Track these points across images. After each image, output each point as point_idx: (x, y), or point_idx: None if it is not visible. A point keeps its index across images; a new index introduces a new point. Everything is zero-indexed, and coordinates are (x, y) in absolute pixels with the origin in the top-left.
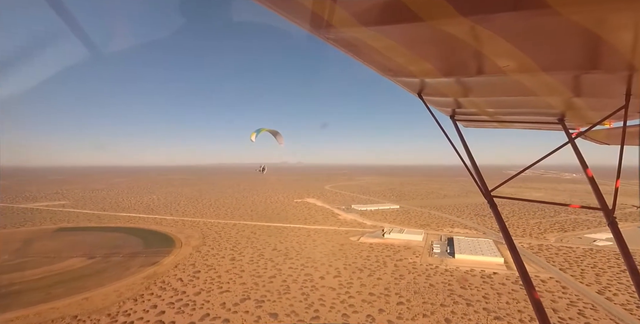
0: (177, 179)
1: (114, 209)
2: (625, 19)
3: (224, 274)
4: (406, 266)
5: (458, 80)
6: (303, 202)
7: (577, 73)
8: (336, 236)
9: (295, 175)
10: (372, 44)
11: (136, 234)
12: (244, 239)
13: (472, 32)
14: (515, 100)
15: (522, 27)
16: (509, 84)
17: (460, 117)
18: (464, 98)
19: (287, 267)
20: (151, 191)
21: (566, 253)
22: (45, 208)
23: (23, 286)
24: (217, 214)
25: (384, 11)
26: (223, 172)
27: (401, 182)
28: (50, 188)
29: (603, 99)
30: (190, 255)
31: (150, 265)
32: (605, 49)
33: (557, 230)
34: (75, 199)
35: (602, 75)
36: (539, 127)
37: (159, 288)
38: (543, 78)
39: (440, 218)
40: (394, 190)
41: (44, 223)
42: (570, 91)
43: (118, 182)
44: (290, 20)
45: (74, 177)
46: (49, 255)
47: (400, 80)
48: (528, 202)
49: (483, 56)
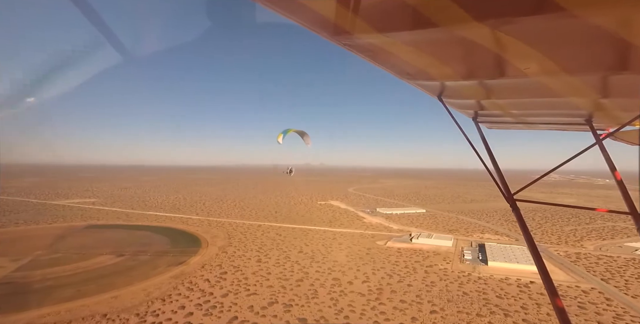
0: (202, 179)
1: (142, 207)
2: None
3: (251, 277)
4: (437, 273)
5: (479, 83)
6: (327, 204)
7: (604, 74)
8: (362, 239)
9: (318, 176)
10: (389, 49)
11: (163, 233)
12: (269, 240)
13: (490, 37)
14: (540, 101)
15: (543, 30)
16: (533, 86)
17: (482, 119)
18: (486, 100)
19: (314, 270)
20: (177, 191)
21: (607, 263)
22: (76, 205)
23: (55, 282)
24: (241, 214)
25: (399, 17)
26: (246, 172)
27: (426, 186)
28: (81, 185)
29: (633, 99)
30: (216, 255)
31: (177, 264)
32: (633, 50)
33: (595, 238)
34: (105, 197)
35: (631, 76)
36: (566, 128)
37: (186, 289)
38: (568, 80)
39: (468, 223)
40: (419, 194)
41: (75, 220)
42: (597, 92)
43: (145, 181)
44: (306, 28)
45: (103, 175)
46: (80, 252)
47: (420, 84)
48: (560, 208)
49: (504, 59)
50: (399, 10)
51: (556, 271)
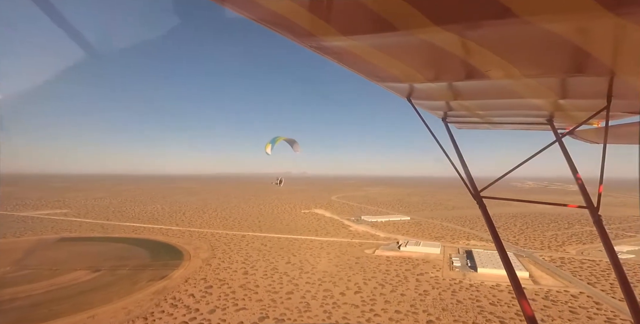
0: (181, 188)
1: (118, 218)
2: (604, 28)
3: (238, 290)
4: (429, 281)
5: (447, 85)
6: (311, 213)
7: (562, 77)
8: (350, 248)
9: (300, 185)
10: (355, 51)
11: (142, 245)
12: (254, 251)
13: (451, 41)
14: (505, 102)
15: (501, 35)
16: (497, 88)
17: (452, 119)
18: (454, 101)
19: (303, 282)
20: (155, 201)
21: (590, 267)
22: (46, 216)
23: (25, 302)
24: (224, 225)
25: (362, 21)
26: (226, 181)
27: (408, 193)
28: (51, 195)
29: (589, 100)
30: (200, 268)
31: (159, 278)
32: (587, 56)
33: (576, 242)
34: (78, 207)
35: (586, 79)
36: (529, 127)
37: (170, 305)
38: (529, 82)
39: (453, 229)
40: (403, 201)
41: (46, 233)
42: (557, 94)
43: (121, 190)
44: (272, 30)
45: (76, 184)
46: (52, 267)
47: (389, 85)
48: (540, 214)
49: (467, 62)
50: (362, 14)
51: (544, 276)
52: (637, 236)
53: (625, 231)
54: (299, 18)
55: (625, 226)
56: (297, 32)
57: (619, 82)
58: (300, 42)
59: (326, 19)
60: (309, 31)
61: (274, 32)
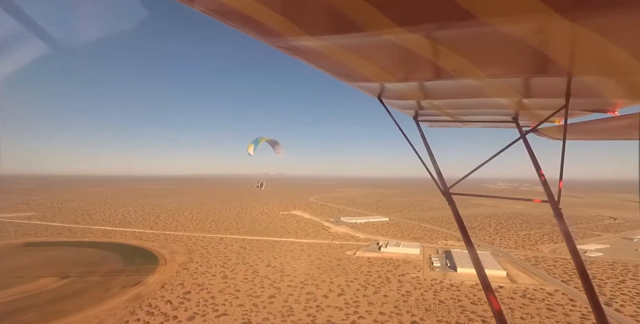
0: (153, 189)
1: (87, 222)
2: (559, 31)
3: (218, 295)
4: (410, 282)
5: (417, 84)
6: (290, 214)
7: (525, 77)
8: (331, 250)
9: (278, 186)
10: (323, 51)
11: (114, 250)
12: (234, 254)
13: (416, 41)
14: (473, 101)
15: (465, 37)
16: (465, 87)
17: (423, 118)
18: (425, 100)
19: (285, 285)
20: (127, 203)
21: (563, 265)
22: (8, 220)
23: None
24: (201, 227)
25: (328, 22)
26: (201, 183)
27: (386, 194)
28: (14, 197)
29: (550, 99)
30: (177, 273)
31: (133, 285)
32: (546, 57)
33: (548, 241)
34: (43, 210)
35: (546, 79)
36: (496, 125)
37: (145, 313)
38: (494, 82)
39: (431, 230)
40: (380, 202)
41: (9, 237)
42: (520, 93)
43: (90, 192)
44: (239, 30)
45: (41, 186)
46: (17, 274)
47: (359, 85)
48: (513, 214)
49: (434, 63)
50: (328, 15)
51: (521, 275)
52: (603, 235)
53: (592, 231)
54: (265, 18)
55: (592, 225)
56: (264, 32)
57: (576, 82)
58: (267, 42)
59: (292, 19)
60: (276, 31)
61: (240, 31)
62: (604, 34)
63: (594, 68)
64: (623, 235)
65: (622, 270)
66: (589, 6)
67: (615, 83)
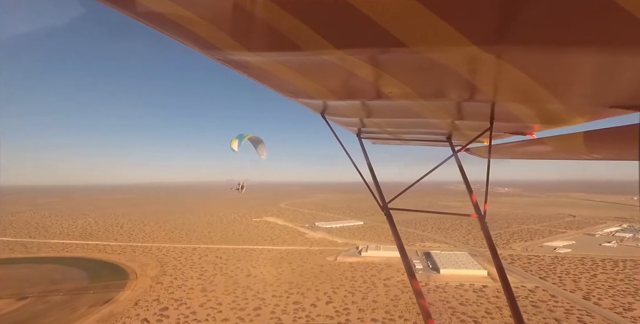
0: (113, 199)
1: (43, 235)
2: (484, 63)
3: (199, 310)
4: (396, 285)
5: (359, 103)
6: (262, 221)
7: (455, 101)
8: (311, 256)
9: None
10: (263, 67)
11: (76, 265)
12: (210, 265)
13: (353, 63)
14: (411, 121)
15: (396, 61)
16: (403, 108)
17: (365, 135)
18: (367, 118)
19: (270, 295)
20: (85, 214)
21: (537, 262)
22: None
23: None
24: (170, 237)
25: (266, 38)
26: (164, 191)
27: (356, 199)
28: None
29: (478, 122)
30: (150, 287)
31: (102, 303)
32: (472, 85)
33: (518, 240)
34: None
35: (474, 104)
36: (432, 144)
37: None
38: (429, 105)
39: (406, 233)
40: (352, 207)
41: None
42: (452, 115)
43: (44, 203)
44: (173, 39)
45: None
46: None
47: (301, 101)
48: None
49: (372, 84)
50: (266, 32)
51: None
52: (567, 232)
53: (556, 228)
54: (200, 30)
55: (555, 223)
56: (200, 44)
57: (499, 108)
58: (204, 54)
59: (229, 33)
60: (213, 44)
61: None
62: (521, 68)
63: (513, 97)
64: (584, 231)
65: (592, 265)
66: (507, 43)
67: (532, 110)
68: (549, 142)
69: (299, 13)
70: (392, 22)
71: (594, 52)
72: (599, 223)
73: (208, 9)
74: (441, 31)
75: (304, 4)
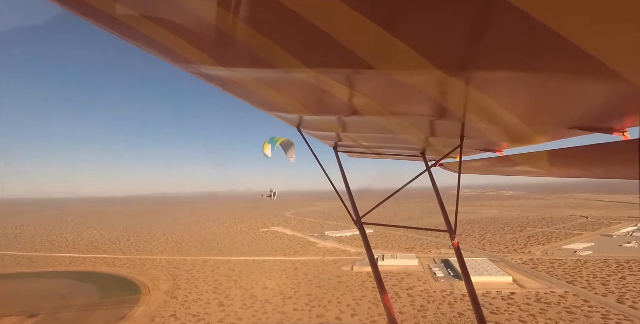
0: (116, 211)
1: (49, 249)
2: (452, 86)
3: None
4: (420, 295)
5: (334, 118)
6: (270, 231)
7: (428, 119)
8: (326, 267)
9: (248, 202)
10: (237, 81)
11: (86, 279)
12: (223, 278)
13: (325, 81)
14: (386, 136)
15: (368, 81)
16: (377, 124)
17: (342, 148)
18: (343, 133)
19: (290, 309)
20: (90, 226)
21: (561, 266)
22: None
23: None
24: (179, 249)
25: (239, 56)
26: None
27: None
28: None
29: (450, 139)
30: (165, 302)
31: (116, 320)
32: (442, 105)
33: (535, 243)
34: None
35: (445, 122)
36: (407, 158)
37: None
38: (403, 122)
39: (419, 239)
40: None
41: None
42: (425, 132)
43: (47, 216)
44: (148, 52)
45: None
46: None
47: (276, 115)
48: (491, 219)
49: (345, 101)
50: (239, 49)
51: (525, 279)
52: (583, 233)
53: (571, 230)
54: (174, 45)
55: (569, 225)
56: (174, 58)
57: (468, 126)
58: (177, 66)
59: (202, 49)
60: (186, 57)
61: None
62: (484, 91)
63: (481, 117)
64: (601, 232)
65: (617, 267)
66: (470, 69)
67: (499, 129)
68: (515, 159)
69: (270, 32)
70: (359, 47)
71: (551, 79)
72: (614, 223)
73: (181, 24)
74: (408, 56)
75: (275, 24)
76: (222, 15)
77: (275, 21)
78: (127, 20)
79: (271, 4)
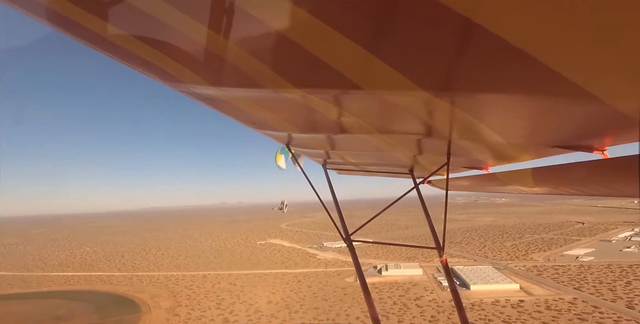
0: (106, 227)
1: (41, 268)
2: (437, 107)
3: None
4: (429, 305)
5: (323, 136)
6: (268, 243)
7: (417, 138)
8: (329, 279)
9: (242, 215)
10: (227, 100)
11: (83, 299)
12: (225, 293)
13: (314, 101)
14: (375, 154)
15: (355, 101)
16: (366, 142)
17: (331, 166)
18: (332, 150)
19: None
20: (82, 243)
21: (565, 272)
22: None
23: None
24: (176, 265)
25: (228, 76)
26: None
27: (355, 216)
28: None
29: (438, 157)
30: (167, 321)
31: None
32: (430, 124)
33: (536, 250)
34: None
35: (432, 140)
36: (396, 175)
37: None
38: (391, 141)
39: (419, 248)
40: (354, 225)
41: None
42: (413, 150)
43: (36, 234)
44: (138, 71)
45: None
46: None
47: (266, 133)
48: (490, 226)
49: (334, 120)
50: (228, 69)
51: (532, 286)
52: (582, 239)
53: (570, 236)
54: (164, 65)
55: (566, 231)
56: (164, 77)
57: (454, 145)
58: (167, 85)
59: (193, 69)
60: (175, 77)
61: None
62: (468, 111)
63: (466, 136)
64: (599, 238)
65: (622, 272)
66: (454, 90)
67: (484, 147)
68: (501, 176)
69: (260, 54)
70: (346, 68)
71: (531, 100)
72: (610, 228)
73: (171, 45)
74: (393, 78)
75: (264, 46)
76: (213, 37)
77: (265, 43)
78: (117, 40)
79: (260, 26)
